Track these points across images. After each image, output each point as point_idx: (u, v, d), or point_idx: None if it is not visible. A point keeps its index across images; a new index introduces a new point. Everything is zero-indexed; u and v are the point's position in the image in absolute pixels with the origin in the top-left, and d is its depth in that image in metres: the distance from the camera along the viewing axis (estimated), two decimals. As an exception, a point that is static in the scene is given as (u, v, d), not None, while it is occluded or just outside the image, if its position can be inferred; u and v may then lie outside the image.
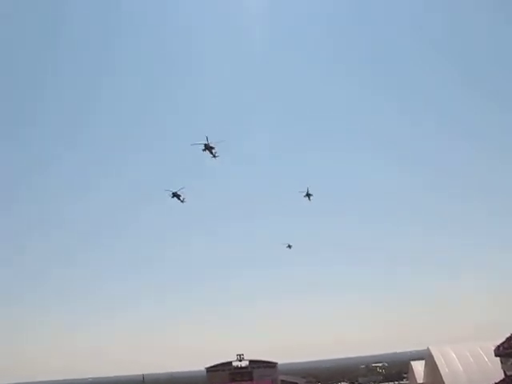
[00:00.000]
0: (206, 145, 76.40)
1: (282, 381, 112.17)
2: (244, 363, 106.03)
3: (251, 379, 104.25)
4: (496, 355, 60.45)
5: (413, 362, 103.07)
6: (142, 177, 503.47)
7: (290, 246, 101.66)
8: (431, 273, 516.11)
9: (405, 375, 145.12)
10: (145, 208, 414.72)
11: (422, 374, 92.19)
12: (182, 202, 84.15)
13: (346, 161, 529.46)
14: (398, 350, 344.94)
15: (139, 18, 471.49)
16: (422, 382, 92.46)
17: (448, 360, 79.06)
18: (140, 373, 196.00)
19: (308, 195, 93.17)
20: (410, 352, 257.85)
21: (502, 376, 60.16)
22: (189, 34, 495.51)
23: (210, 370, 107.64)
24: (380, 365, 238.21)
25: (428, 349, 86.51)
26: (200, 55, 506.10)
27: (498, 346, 59.70)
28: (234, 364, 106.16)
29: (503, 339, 59.54)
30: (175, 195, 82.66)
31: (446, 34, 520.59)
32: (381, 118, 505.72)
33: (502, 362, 59.90)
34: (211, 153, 78.17)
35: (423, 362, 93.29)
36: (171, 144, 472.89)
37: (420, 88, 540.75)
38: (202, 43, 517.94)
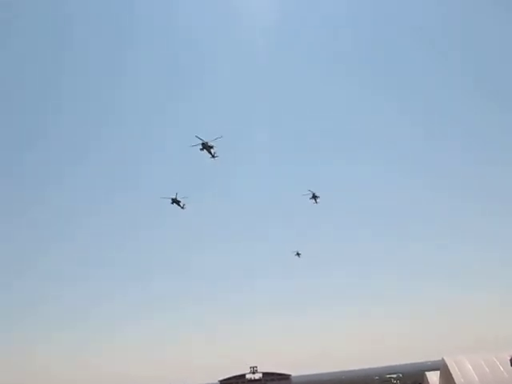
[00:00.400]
0: (203, 144, 72.21)
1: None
2: (257, 375, 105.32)
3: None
4: (512, 365, 60.03)
5: (428, 373, 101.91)
6: (141, 185, 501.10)
7: (298, 254, 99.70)
8: (444, 283, 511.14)
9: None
10: (156, 216, 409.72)
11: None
12: (182, 208, 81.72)
13: (349, 163, 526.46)
14: (413, 361, 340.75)
15: (149, 22, 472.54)
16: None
17: (463, 370, 78.18)
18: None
19: (314, 197, 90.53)
20: (425, 362, 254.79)
21: (518, 386, 59.67)
22: (189, 34, 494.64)
23: (223, 382, 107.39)
24: (394, 376, 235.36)
25: (443, 359, 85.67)
26: (201, 57, 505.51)
27: (514, 356, 59.36)
28: (248, 376, 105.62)
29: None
30: (174, 201, 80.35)
31: (446, 34, 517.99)
32: (383, 118, 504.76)
33: (517, 373, 59.45)
34: (210, 152, 74.26)
35: (438, 372, 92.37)
36: (172, 148, 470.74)
37: (422, 90, 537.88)
38: (202, 44, 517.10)
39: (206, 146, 72.73)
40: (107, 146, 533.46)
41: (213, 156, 74.75)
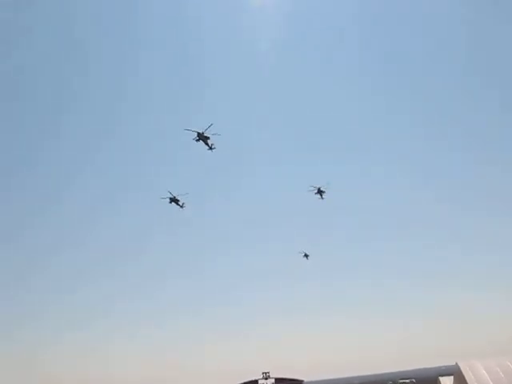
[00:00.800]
0: (199, 133, 68.22)
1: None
2: (270, 381, 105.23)
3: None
4: (527, 370, 59.46)
5: (441, 378, 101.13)
6: (142, 186, 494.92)
7: (306, 256, 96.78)
8: (457, 286, 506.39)
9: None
10: (160, 219, 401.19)
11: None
12: (181, 207, 79.52)
13: (352, 164, 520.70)
14: (426, 366, 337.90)
15: (151, 21, 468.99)
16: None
17: (478, 375, 77.50)
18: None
19: (320, 192, 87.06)
20: (438, 367, 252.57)
21: (533, 391, 59.10)
22: (192, 33, 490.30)
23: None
24: (407, 381, 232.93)
25: (456, 364, 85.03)
26: (203, 56, 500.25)
27: (529, 361, 58.82)
28: (260, 382, 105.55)
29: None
30: (173, 200, 78.13)
31: (449, 35, 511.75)
32: (385, 119, 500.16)
33: (533, 377, 58.90)
34: (206, 144, 70.37)
35: (452, 377, 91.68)
36: (173, 149, 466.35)
37: (423, 90, 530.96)
38: (204, 44, 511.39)
39: (202, 137, 69.04)
40: (110, 147, 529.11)
41: (210, 148, 71.47)
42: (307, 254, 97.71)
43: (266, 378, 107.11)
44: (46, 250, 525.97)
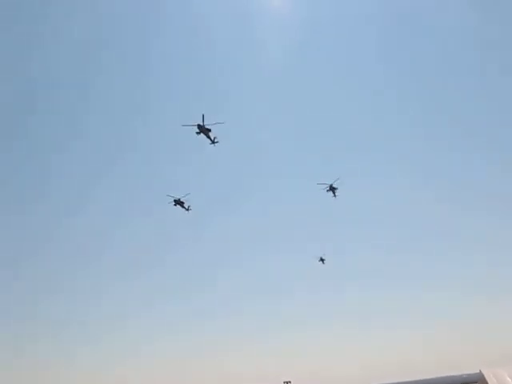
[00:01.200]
0: (200, 126, 62.75)
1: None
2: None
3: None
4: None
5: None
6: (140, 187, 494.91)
7: (322, 260, 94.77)
8: (476, 293, 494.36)
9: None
10: (182, 231, 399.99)
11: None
12: (187, 210, 77.18)
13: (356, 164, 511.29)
14: (448, 374, 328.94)
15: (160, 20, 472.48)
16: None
17: (502, 383, 73.13)
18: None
19: (332, 189, 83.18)
20: (461, 375, 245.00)
21: None
22: (198, 33, 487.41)
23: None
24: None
25: (480, 372, 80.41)
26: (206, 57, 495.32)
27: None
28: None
29: None
30: (178, 203, 75.06)
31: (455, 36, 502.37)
32: (385, 119, 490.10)
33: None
34: (208, 137, 65.42)
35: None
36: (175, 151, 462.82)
37: (424, 89, 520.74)
38: (214, 44, 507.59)
39: (204, 130, 63.79)
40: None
41: (213, 142, 66.28)
42: (323, 258, 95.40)
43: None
44: (59, 258, 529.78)
